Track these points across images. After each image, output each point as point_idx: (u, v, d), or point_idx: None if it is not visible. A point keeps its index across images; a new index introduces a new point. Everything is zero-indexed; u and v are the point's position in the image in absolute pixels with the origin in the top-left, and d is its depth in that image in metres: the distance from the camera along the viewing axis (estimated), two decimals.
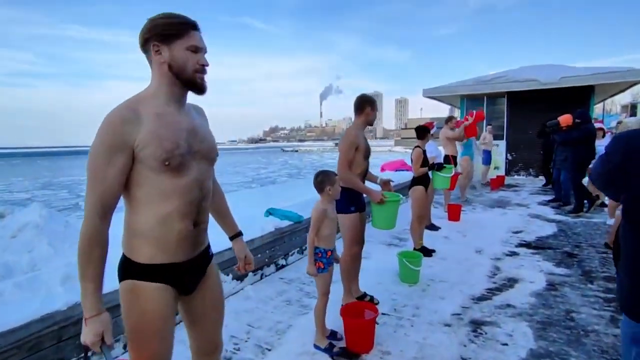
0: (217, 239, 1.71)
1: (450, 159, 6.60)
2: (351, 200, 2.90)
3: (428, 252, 4.38)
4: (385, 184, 3.14)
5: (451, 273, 3.83)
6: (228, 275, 3.34)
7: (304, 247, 4.46)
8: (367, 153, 2.93)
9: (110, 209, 1.22)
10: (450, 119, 6.67)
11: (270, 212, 4.22)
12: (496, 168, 11.30)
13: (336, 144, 4.94)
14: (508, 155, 11.38)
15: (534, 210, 6.65)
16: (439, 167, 4.46)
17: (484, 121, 11.19)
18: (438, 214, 6.51)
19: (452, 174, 4.57)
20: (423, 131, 4.37)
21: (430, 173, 4.52)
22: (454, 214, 6.03)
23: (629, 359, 1.19)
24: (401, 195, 2.98)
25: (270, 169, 38.34)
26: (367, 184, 3.12)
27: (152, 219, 1.27)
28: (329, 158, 59.09)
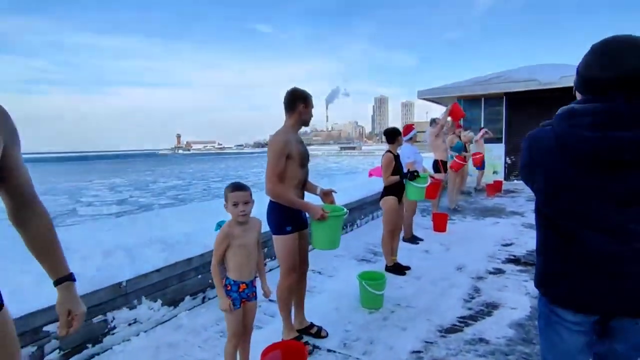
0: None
1: (439, 165, 6.11)
2: (286, 219, 2.44)
3: (401, 270, 3.89)
4: (327, 194, 2.66)
5: (422, 296, 3.33)
6: (156, 301, 2.88)
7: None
8: (303, 160, 2.47)
9: None
10: (434, 121, 6.19)
11: (220, 226, 3.76)
12: (495, 172, 10.76)
13: (342, 148, 4.40)
14: (507, 159, 10.83)
15: (529, 219, 6.11)
16: (411, 175, 3.86)
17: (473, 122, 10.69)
18: (424, 224, 6.02)
19: (427, 183, 4.04)
20: (392, 134, 3.89)
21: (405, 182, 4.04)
22: (439, 223, 5.52)
23: (540, 328, 1.32)
24: (345, 209, 2.50)
25: None
26: (307, 196, 2.67)
27: None
28: (333, 162, 58.74)
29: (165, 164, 70.88)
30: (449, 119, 6.06)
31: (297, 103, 2.44)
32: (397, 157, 3.88)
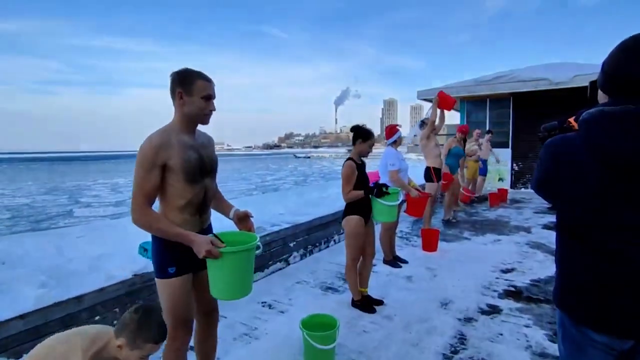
0: None
1: (431, 172, 5.31)
2: (168, 256, 1.70)
3: (370, 306, 3.12)
4: (242, 219, 1.91)
5: (390, 348, 2.56)
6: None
7: None
8: (192, 172, 1.70)
9: None
10: (423, 122, 5.40)
11: (145, 249, 3.03)
12: (500, 180, 9.90)
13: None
14: (514, 165, 9.95)
15: (537, 237, 5.28)
16: (378, 191, 2.93)
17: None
18: (414, 241, 5.23)
19: (399, 200, 3.16)
20: (355, 135, 3.09)
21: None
22: (429, 242, 4.72)
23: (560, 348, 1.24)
24: (258, 240, 1.75)
25: (277, 175, 37.63)
26: (215, 220, 1.92)
27: None
28: (339, 165, 57.70)
29: None
30: (439, 111, 5.22)
31: (176, 90, 1.69)
32: (361, 166, 3.09)
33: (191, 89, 1.67)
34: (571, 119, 5.07)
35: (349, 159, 3.06)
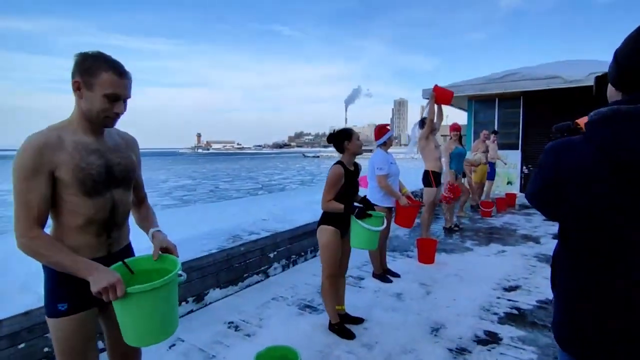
0: None
1: (430, 177, 4.88)
2: (59, 289, 1.33)
3: (347, 332, 2.72)
4: (166, 249, 1.51)
5: None
6: None
7: None
8: (95, 180, 1.33)
9: None
10: (423, 122, 4.97)
11: None
12: (509, 183, 9.39)
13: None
14: (524, 168, 9.43)
15: (546, 249, 4.81)
16: (359, 211, 2.47)
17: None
18: (410, 249, 4.81)
19: (382, 226, 2.60)
20: (339, 140, 2.70)
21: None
22: (425, 253, 4.30)
23: None
24: (179, 268, 1.36)
25: (285, 174, 37.41)
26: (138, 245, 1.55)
27: None
28: None
29: (182, 162, 71.29)
30: (436, 108, 4.78)
31: (74, 77, 1.30)
32: (352, 174, 2.69)
33: (92, 82, 1.28)
34: (579, 120, 4.49)
35: (338, 162, 2.67)
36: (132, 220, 1.60)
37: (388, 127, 3.67)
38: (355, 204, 2.65)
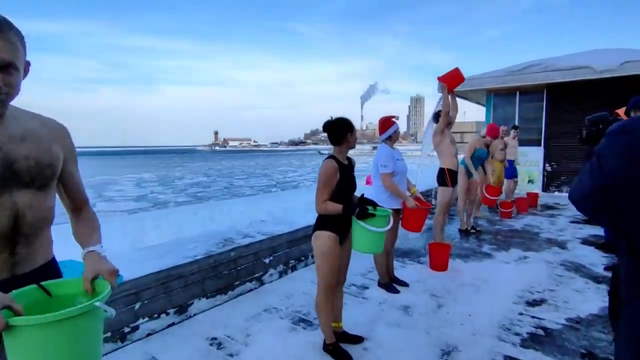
0: None
1: (446, 175, 4.45)
2: None
3: (343, 355, 2.35)
4: (94, 267, 1.16)
5: None
6: None
7: None
8: None
9: None
10: (437, 115, 4.54)
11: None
12: (530, 182, 8.83)
13: (374, 148, 3.05)
14: (547, 165, 8.85)
15: (574, 255, 4.33)
16: (361, 210, 2.13)
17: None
18: (422, 255, 4.41)
19: (388, 226, 2.26)
20: (337, 130, 2.33)
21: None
22: (437, 259, 3.90)
23: None
24: (107, 294, 1.02)
25: (299, 172, 37.25)
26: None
27: None
28: (363, 162, 56.72)
29: (199, 159, 72.07)
30: (450, 98, 4.32)
31: None
32: (347, 169, 2.34)
33: None
34: (619, 111, 3.86)
35: (330, 156, 2.31)
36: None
37: (394, 119, 3.28)
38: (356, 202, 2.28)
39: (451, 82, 4.25)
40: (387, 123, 3.26)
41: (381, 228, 2.14)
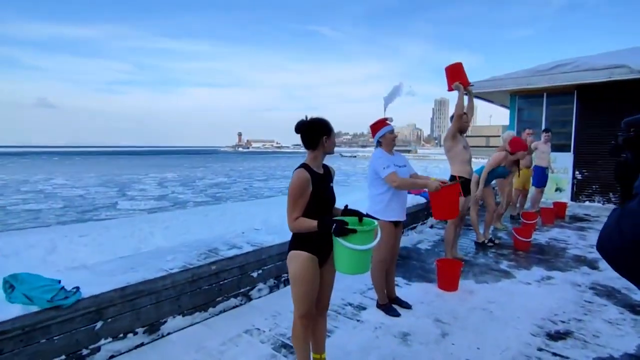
0: None
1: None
2: None
3: None
4: None
5: None
6: None
7: None
8: None
9: None
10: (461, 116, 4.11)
11: (11, 285, 2.15)
12: (558, 190, 8.21)
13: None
14: (576, 172, 8.19)
15: (606, 277, 3.80)
16: (339, 226, 1.72)
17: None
18: (431, 273, 4.00)
19: (375, 241, 1.91)
20: (312, 132, 1.97)
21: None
22: (446, 277, 3.48)
23: None
24: None
25: None
26: None
27: None
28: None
29: (221, 160, 73.12)
30: (466, 99, 3.90)
31: None
32: (323, 178, 1.99)
33: None
34: None
35: (302, 165, 1.98)
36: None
37: (388, 120, 2.91)
38: (339, 217, 1.91)
39: (453, 71, 3.86)
40: (378, 124, 2.90)
41: (365, 245, 1.78)
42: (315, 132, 1.96)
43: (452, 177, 4.05)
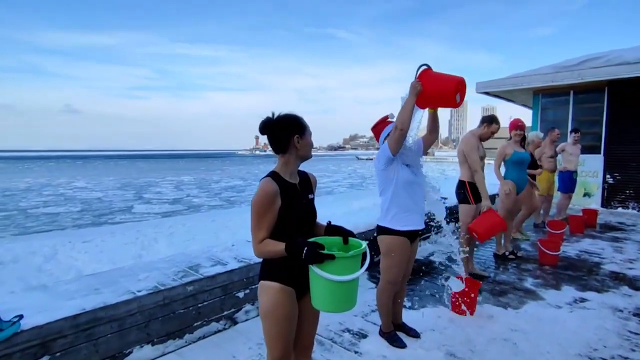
0: None
1: (467, 189, 3.58)
2: None
3: None
4: None
5: None
6: None
7: None
8: None
9: None
10: (491, 119, 3.63)
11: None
12: (586, 195, 7.57)
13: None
14: (608, 176, 7.53)
15: None
16: (310, 250, 1.31)
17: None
18: (437, 288, 3.54)
19: (361, 270, 1.37)
20: (283, 133, 1.57)
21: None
22: (461, 300, 3.02)
23: None
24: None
25: (335, 177, 36.67)
26: None
27: None
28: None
29: (238, 163, 73.68)
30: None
31: None
32: (294, 190, 1.60)
33: None
34: None
35: (270, 174, 1.59)
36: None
37: (390, 119, 2.49)
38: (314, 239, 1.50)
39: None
40: (380, 124, 2.48)
41: (346, 275, 1.35)
42: (283, 131, 1.56)
43: (461, 183, 3.61)
